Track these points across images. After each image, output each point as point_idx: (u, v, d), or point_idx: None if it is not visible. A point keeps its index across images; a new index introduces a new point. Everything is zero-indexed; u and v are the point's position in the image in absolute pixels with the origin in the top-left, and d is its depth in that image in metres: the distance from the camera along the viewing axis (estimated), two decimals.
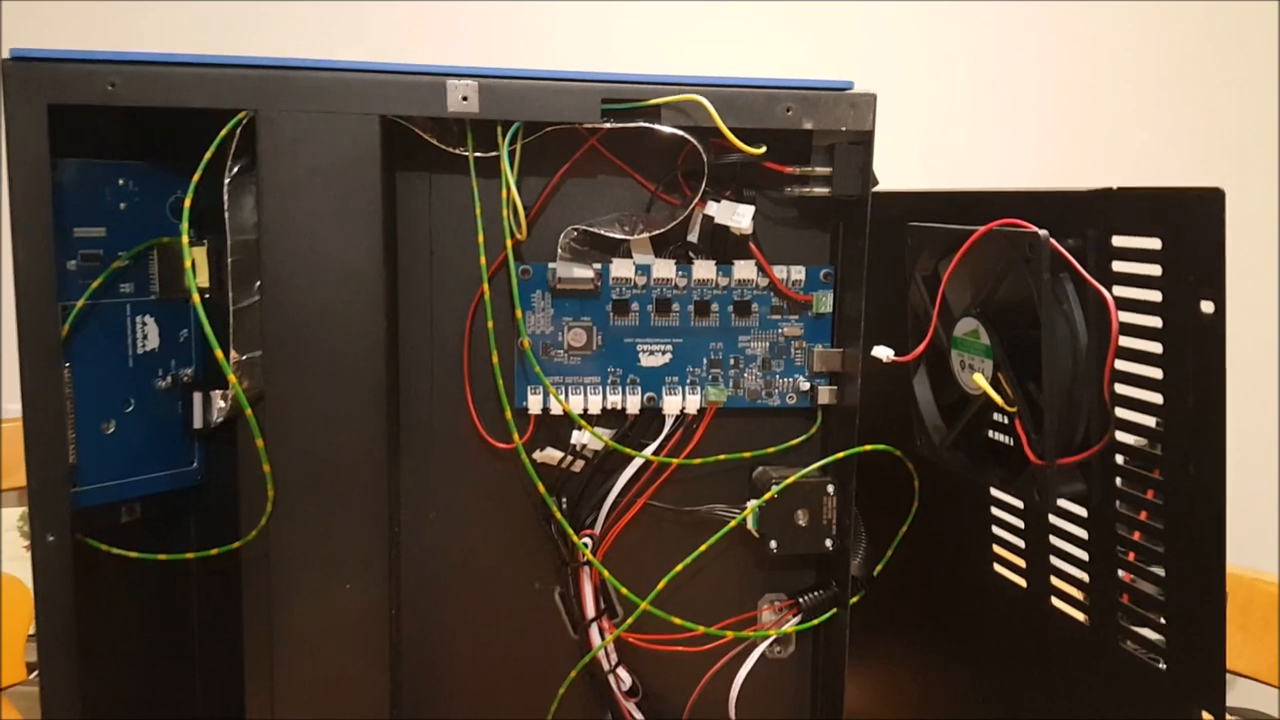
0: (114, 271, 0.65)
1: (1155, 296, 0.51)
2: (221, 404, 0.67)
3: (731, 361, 0.70)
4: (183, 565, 0.70)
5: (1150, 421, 0.52)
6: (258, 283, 0.64)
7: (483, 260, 0.66)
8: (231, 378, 0.63)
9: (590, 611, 0.71)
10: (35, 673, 1.26)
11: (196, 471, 0.70)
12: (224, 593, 0.69)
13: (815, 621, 0.71)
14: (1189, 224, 0.48)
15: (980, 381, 0.59)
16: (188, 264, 0.64)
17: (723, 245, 0.69)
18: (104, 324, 0.65)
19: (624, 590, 0.69)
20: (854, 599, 0.71)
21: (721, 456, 0.70)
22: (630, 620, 0.70)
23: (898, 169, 0.74)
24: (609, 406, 0.69)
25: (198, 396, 0.69)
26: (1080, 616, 0.59)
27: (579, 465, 0.70)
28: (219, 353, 0.63)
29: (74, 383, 0.63)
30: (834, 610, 0.71)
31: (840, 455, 0.68)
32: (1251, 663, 1.13)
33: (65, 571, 0.63)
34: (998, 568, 0.67)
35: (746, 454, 0.71)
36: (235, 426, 0.66)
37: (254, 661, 0.68)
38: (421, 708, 0.71)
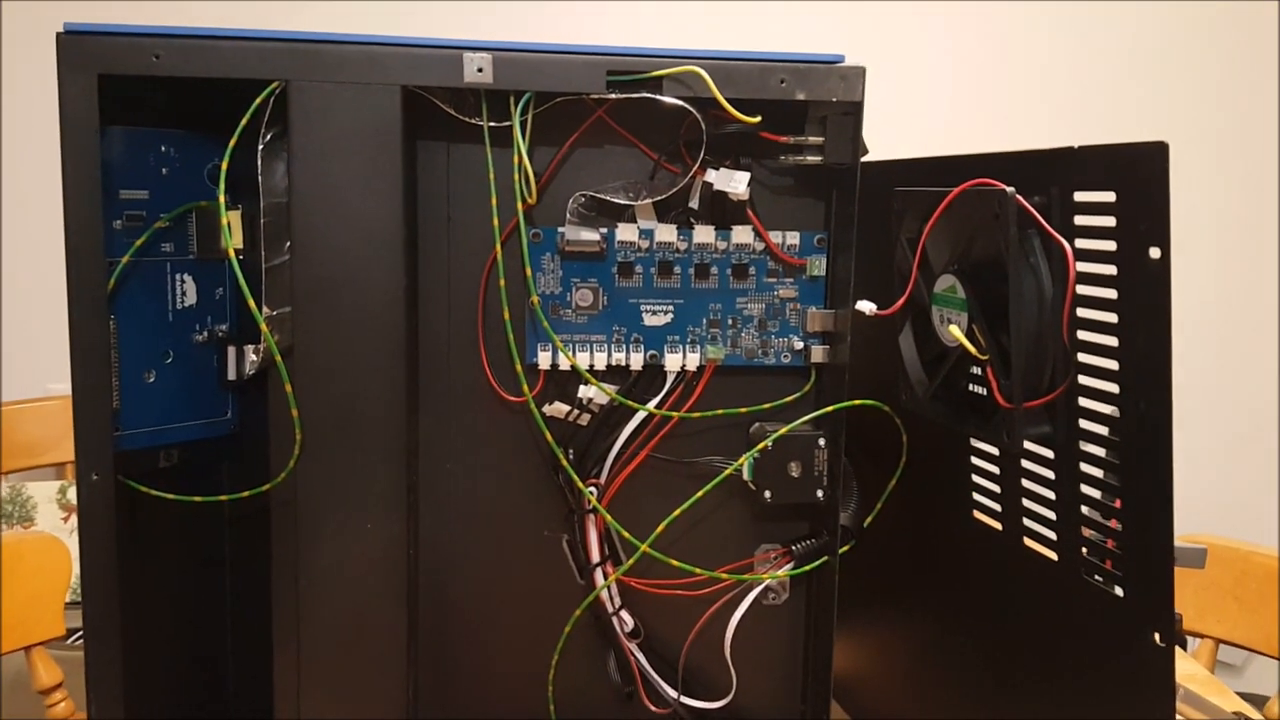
0: (155, 231, 0.70)
1: (1111, 246, 0.54)
2: (253, 357, 0.72)
3: (730, 322, 0.74)
4: (216, 509, 0.75)
5: (1107, 363, 0.56)
6: (288, 243, 0.69)
7: (496, 223, 0.71)
8: (265, 330, 0.68)
9: (595, 557, 0.75)
10: (73, 636, 1.32)
11: (230, 421, 0.75)
12: (254, 535, 0.74)
13: (807, 568, 0.75)
14: (1138, 176, 0.52)
15: (956, 333, 0.63)
16: (224, 223, 0.69)
17: (722, 211, 0.73)
18: (146, 281, 0.70)
19: (626, 534, 0.74)
20: (844, 548, 0.75)
21: (719, 411, 0.74)
22: (632, 562, 0.74)
23: (886, 138, 0.79)
24: (614, 363, 0.74)
25: (231, 350, 0.74)
26: (1050, 554, 0.63)
27: (585, 419, 0.75)
28: (253, 305, 0.68)
29: (118, 334, 0.68)
30: (825, 558, 0.75)
31: (831, 409, 0.72)
32: (1248, 634, 1.16)
33: (108, 510, 0.68)
34: (976, 513, 0.71)
35: (743, 409, 0.75)
36: (266, 380, 0.71)
37: (281, 597, 0.73)
38: (436, 644, 0.76)
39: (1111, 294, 0.55)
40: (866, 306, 0.67)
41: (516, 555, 0.76)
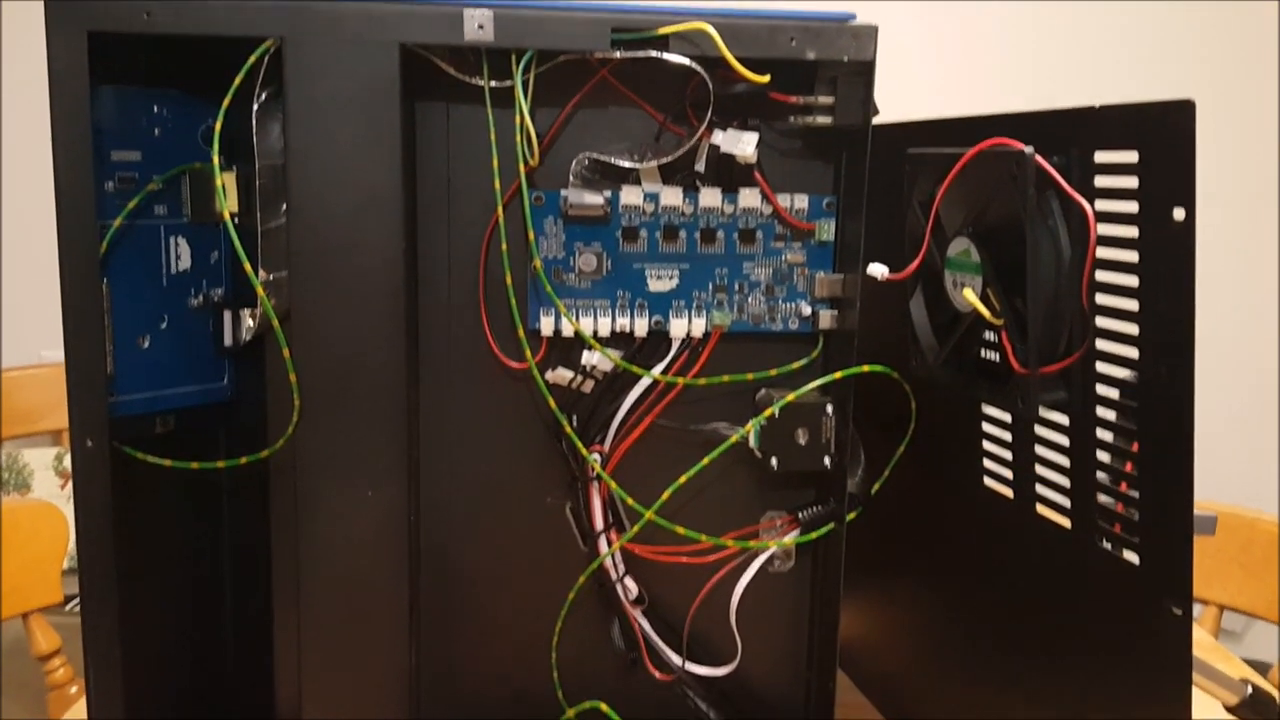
0: (149, 194, 0.68)
1: (1132, 208, 0.53)
2: (250, 323, 0.71)
3: (736, 287, 0.73)
4: (214, 476, 0.74)
5: (1127, 328, 0.54)
6: (284, 206, 0.67)
7: (497, 186, 0.69)
8: (261, 294, 0.67)
9: (599, 524, 0.74)
10: (70, 603, 1.32)
11: (227, 388, 0.74)
12: (253, 502, 0.73)
13: (813, 535, 0.74)
14: (1163, 136, 0.50)
15: (970, 296, 0.62)
16: (218, 186, 0.67)
17: (728, 174, 0.71)
18: (139, 244, 0.68)
19: (630, 501, 0.73)
20: (851, 515, 0.74)
21: (725, 378, 0.73)
22: (636, 529, 0.73)
23: (899, 100, 0.77)
24: (618, 329, 0.72)
25: (228, 315, 0.72)
26: (1063, 521, 0.62)
27: (589, 385, 0.73)
28: (249, 269, 0.66)
29: (111, 298, 0.66)
30: (831, 525, 0.74)
31: (839, 375, 0.71)
32: (1252, 600, 1.16)
33: (103, 476, 0.67)
34: (987, 480, 0.70)
35: (749, 376, 0.74)
36: (263, 345, 0.70)
37: (280, 564, 0.72)
38: (438, 612, 0.75)
39: (1133, 257, 0.53)
40: (878, 270, 0.66)
41: (519, 522, 0.75)
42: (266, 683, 0.74)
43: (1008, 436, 0.67)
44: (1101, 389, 0.58)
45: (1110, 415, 0.57)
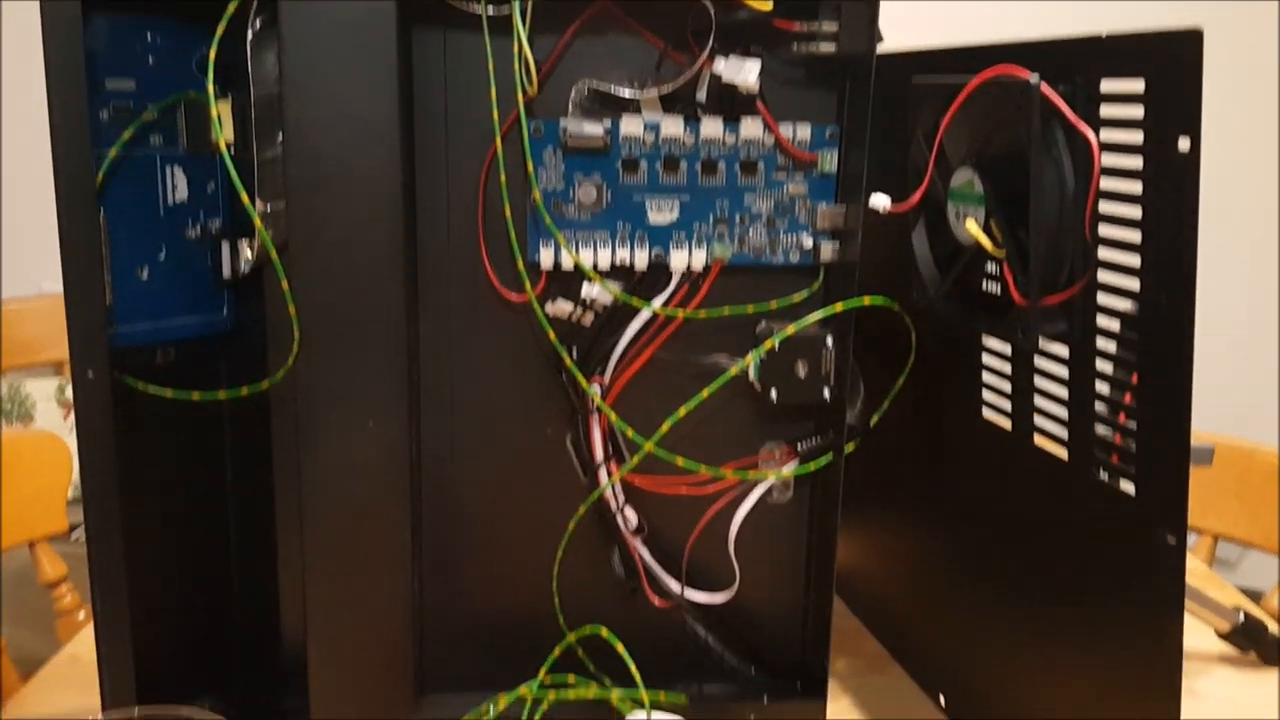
0: (144, 124, 0.67)
1: (1137, 138, 0.53)
2: (248, 254, 0.70)
3: (737, 219, 0.72)
4: (215, 407, 0.75)
5: (1129, 259, 0.54)
6: (280, 135, 0.66)
7: (495, 116, 0.68)
8: (259, 224, 0.67)
9: (599, 455, 0.75)
10: (75, 532, 1.33)
11: (226, 320, 0.74)
12: (254, 433, 0.73)
13: (812, 466, 0.75)
14: (1170, 65, 0.50)
15: (972, 228, 0.61)
16: (213, 115, 0.67)
17: (730, 104, 0.71)
18: (135, 174, 0.68)
19: (630, 433, 0.73)
20: (850, 447, 0.75)
21: (725, 311, 0.73)
22: (636, 460, 0.74)
23: (903, 28, 0.76)
24: (618, 262, 0.72)
25: (226, 246, 0.72)
26: (1060, 453, 0.63)
27: (589, 318, 0.73)
28: (245, 200, 0.66)
29: (109, 228, 0.66)
30: (830, 456, 0.74)
31: (839, 307, 0.71)
32: (1248, 530, 1.17)
33: (104, 407, 0.67)
34: (986, 413, 0.70)
35: (750, 308, 0.73)
36: (262, 277, 0.70)
37: (283, 494, 0.73)
38: (440, 542, 0.76)
39: (1136, 187, 0.53)
40: (881, 202, 0.65)
41: (519, 454, 0.75)
42: (272, 609, 0.76)
43: (1007, 369, 0.67)
44: (1102, 320, 0.58)
45: (1110, 347, 0.57)
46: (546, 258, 0.71)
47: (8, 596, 1.47)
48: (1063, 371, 0.61)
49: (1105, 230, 0.56)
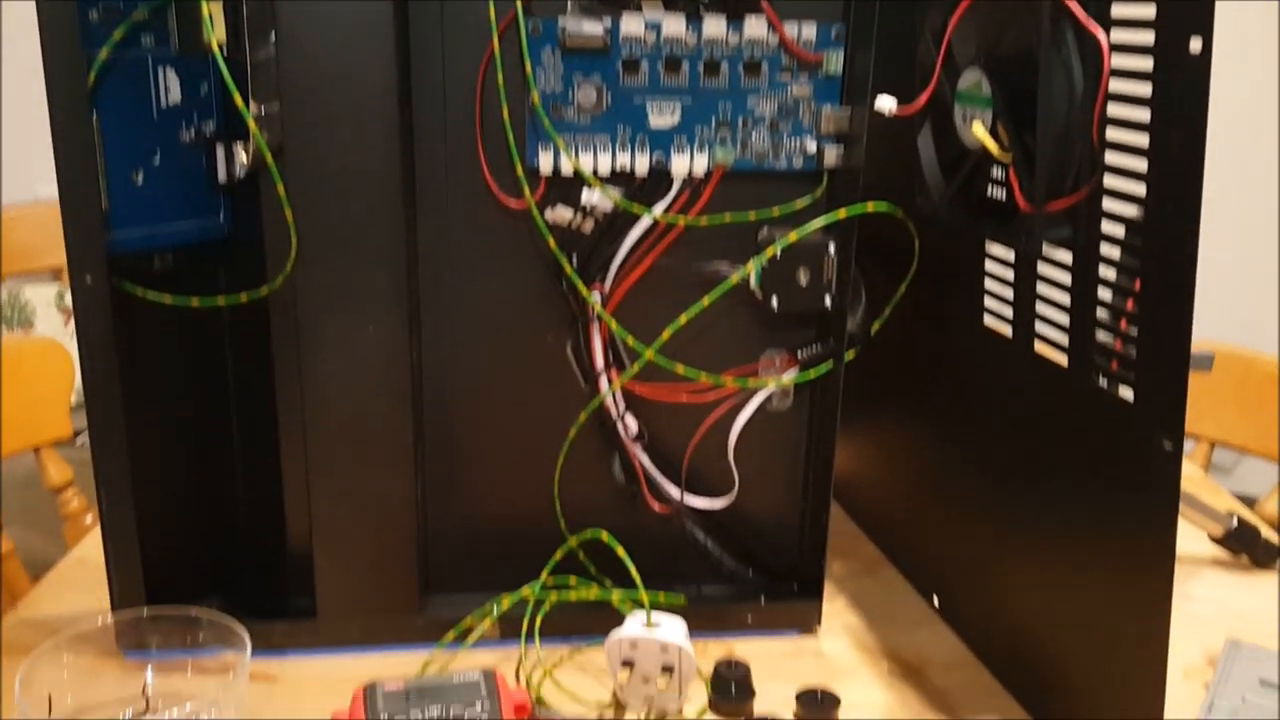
0: (134, 24, 0.66)
1: (1148, 38, 0.51)
2: (243, 157, 0.69)
3: (739, 122, 0.71)
4: (215, 314, 0.74)
5: (1135, 163, 0.53)
6: (273, 35, 0.65)
7: (492, 13, 0.67)
8: (253, 126, 0.66)
9: (599, 363, 0.75)
10: (79, 437, 1.34)
11: (223, 225, 0.73)
12: (255, 340, 0.73)
13: (811, 374, 0.75)
14: None
15: (979, 130, 0.60)
16: (205, 14, 0.65)
17: (734, 2, 0.69)
18: (127, 76, 0.66)
19: (630, 340, 0.73)
20: (850, 354, 0.75)
21: (727, 217, 0.72)
22: (636, 368, 0.74)
23: None
24: (618, 167, 0.71)
25: (220, 149, 0.71)
26: (1060, 360, 0.63)
27: (589, 225, 0.73)
28: (239, 101, 0.65)
29: (102, 131, 0.65)
30: (830, 364, 0.74)
31: (842, 213, 0.70)
32: (1244, 436, 1.18)
33: (104, 313, 0.67)
34: (987, 320, 0.70)
35: (751, 215, 0.73)
36: (258, 181, 0.69)
37: (286, 401, 0.73)
38: (442, 449, 0.76)
39: (1145, 90, 0.52)
40: (886, 104, 0.64)
41: (520, 361, 0.75)
42: (277, 511, 0.76)
43: (1009, 275, 0.67)
44: (1107, 226, 0.57)
45: (1114, 253, 0.57)
46: (545, 162, 0.70)
47: (15, 501, 1.49)
48: (1065, 278, 0.61)
49: (1113, 134, 0.55)
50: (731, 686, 0.70)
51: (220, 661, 0.68)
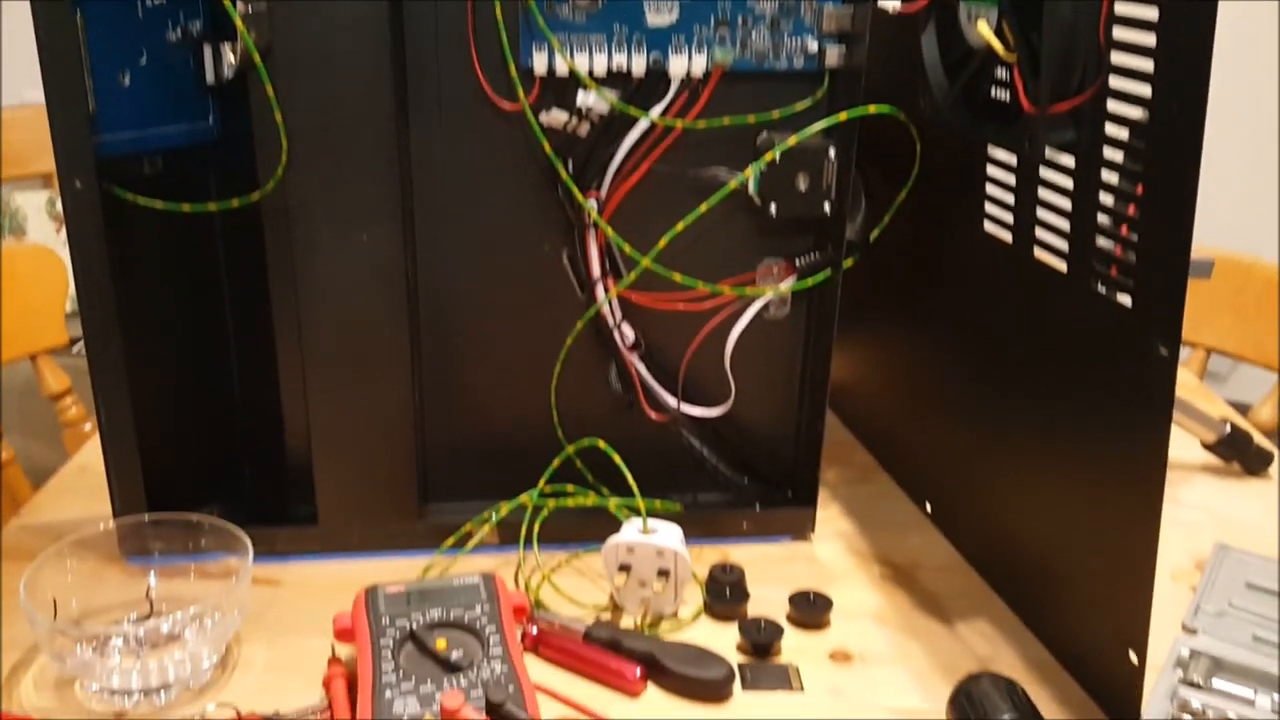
0: None
1: None
2: (231, 58, 0.68)
3: (739, 21, 0.70)
4: (207, 220, 0.74)
5: (1141, 63, 0.52)
6: None
7: None
8: (240, 25, 0.64)
9: (596, 271, 0.74)
10: (76, 345, 1.34)
11: (212, 128, 0.72)
12: (249, 246, 0.73)
13: (810, 282, 0.74)
14: None
15: (984, 29, 0.59)
16: None
17: None
18: None
19: (627, 248, 0.72)
20: (849, 262, 0.74)
21: (726, 120, 0.71)
22: (633, 276, 0.74)
23: None
24: (614, 68, 0.69)
25: (208, 49, 0.69)
26: (1059, 265, 0.62)
27: (584, 128, 0.71)
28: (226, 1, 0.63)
29: (86, 30, 0.63)
30: (828, 272, 0.74)
31: (843, 116, 0.69)
32: (1240, 343, 1.18)
33: (95, 218, 0.66)
34: (987, 225, 0.69)
35: (751, 118, 0.71)
36: (247, 82, 0.67)
37: (281, 309, 0.73)
38: (438, 358, 0.76)
39: None
40: (890, 1, 0.62)
41: (516, 268, 0.75)
42: (276, 419, 0.77)
43: (1011, 180, 0.66)
44: (1110, 129, 0.56)
45: (1117, 157, 0.56)
46: (540, 63, 0.69)
47: (14, 409, 1.49)
48: (1067, 183, 0.60)
49: (1119, 33, 0.54)
50: (726, 590, 0.71)
51: (223, 566, 0.69)
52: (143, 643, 0.65)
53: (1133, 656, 0.58)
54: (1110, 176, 0.56)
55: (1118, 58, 0.54)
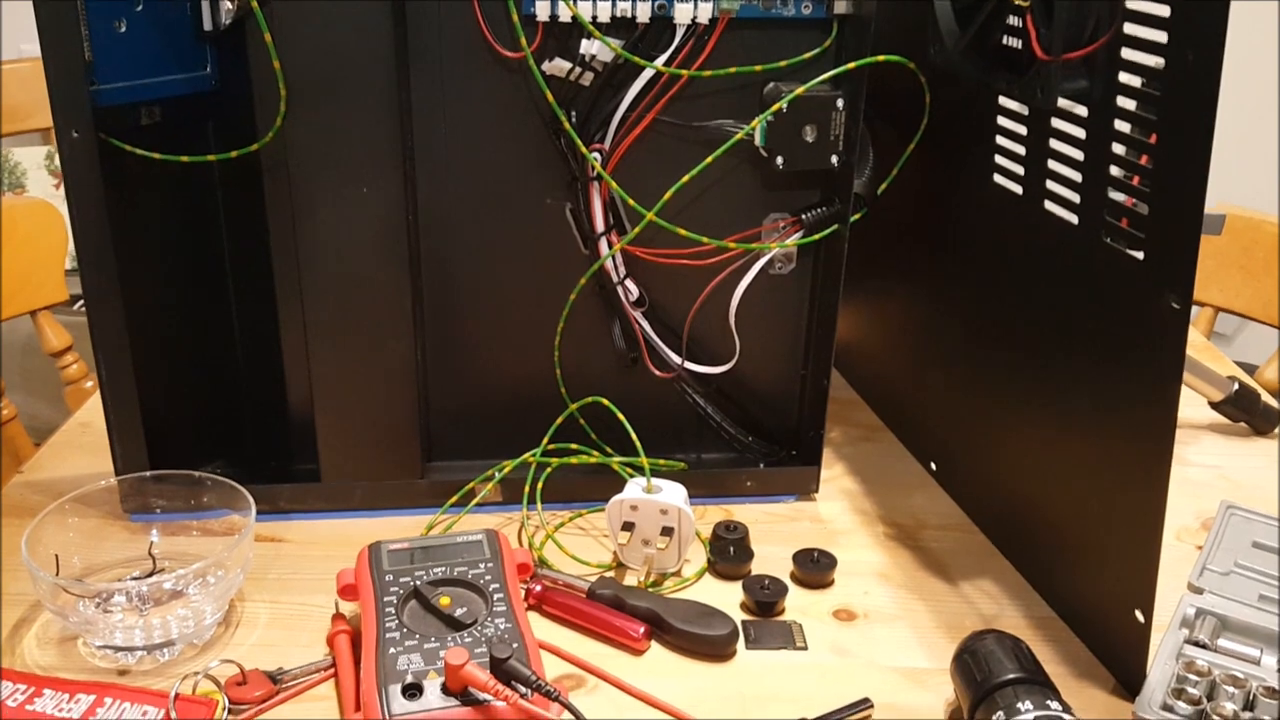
0: None
1: None
2: (228, 4, 0.67)
3: None
4: (206, 171, 0.73)
5: (1156, 9, 0.51)
6: None
7: None
8: None
9: (599, 226, 0.73)
10: (77, 303, 1.33)
11: (210, 77, 0.71)
12: (248, 197, 0.72)
13: (816, 237, 0.73)
14: None
15: None
16: None
17: None
18: None
19: (631, 202, 0.71)
20: (856, 216, 0.73)
21: (732, 70, 0.70)
22: (637, 231, 0.73)
23: None
24: (619, 14, 0.68)
25: None
26: (1070, 218, 0.61)
27: (588, 78, 0.70)
28: None
29: None
30: (835, 226, 0.73)
31: (852, 66, 0.68)
32: (1248, 302, 1.16)
33: (92, 169, 0.65)
34: (997, 177, 0.68)
35: (758, 67, 0.70)
36: (245, 30, 0.66)
37: (281, 263, 0.72)
38: (440, 313, 0.75)
39: None
40: None
41: (519, 223, 0.74)
42: (278, 375, 0.76)
43: (1022, 131, 0.65)
44: (1124, 78, 0.55)
45: (1130, 106, 0.55)
46: (543, 9, 0.67)
47: (15, 366, 1.49)
48: (1079, 133, 0.59)
49: None
50: (730, 548, 0.71)
51: (225, 523, 0.69)
52: (145, 599, 0.65)
53: (1139, 615, 0.57)
54: (1123, 126, 0.55)
55: (1133, 3, 0.53)
